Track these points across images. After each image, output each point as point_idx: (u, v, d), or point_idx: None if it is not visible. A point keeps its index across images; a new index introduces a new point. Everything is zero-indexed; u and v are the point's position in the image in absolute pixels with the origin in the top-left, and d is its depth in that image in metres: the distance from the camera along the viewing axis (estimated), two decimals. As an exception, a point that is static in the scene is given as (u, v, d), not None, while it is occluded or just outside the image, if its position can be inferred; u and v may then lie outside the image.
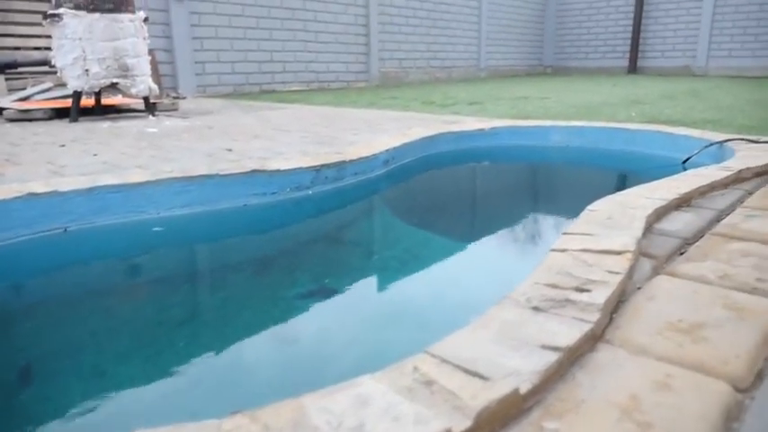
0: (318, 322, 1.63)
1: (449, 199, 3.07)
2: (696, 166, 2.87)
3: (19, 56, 6.04)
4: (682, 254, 1.40)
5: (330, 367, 1.40)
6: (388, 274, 2.02)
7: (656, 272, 1.27)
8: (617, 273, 1.11)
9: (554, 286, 1.07)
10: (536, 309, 0.98)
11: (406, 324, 1.59)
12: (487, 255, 2.21)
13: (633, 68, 13.39)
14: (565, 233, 1.39)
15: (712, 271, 1.25)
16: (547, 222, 2.70)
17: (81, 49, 4.53)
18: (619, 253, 1.21)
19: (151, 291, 1.90)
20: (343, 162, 2.69)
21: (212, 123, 4.66)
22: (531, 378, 0.77)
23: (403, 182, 3.17)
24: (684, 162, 3.02)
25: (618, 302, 1.08)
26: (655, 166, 3.28)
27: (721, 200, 1.87)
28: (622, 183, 3.38)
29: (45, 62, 5.20)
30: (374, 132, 3.88)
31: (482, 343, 0.87)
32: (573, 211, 1.69)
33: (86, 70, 4.58)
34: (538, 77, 13.31)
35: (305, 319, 1.64)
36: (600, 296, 0.99)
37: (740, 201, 1.87)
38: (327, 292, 1.81)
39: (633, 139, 3.48)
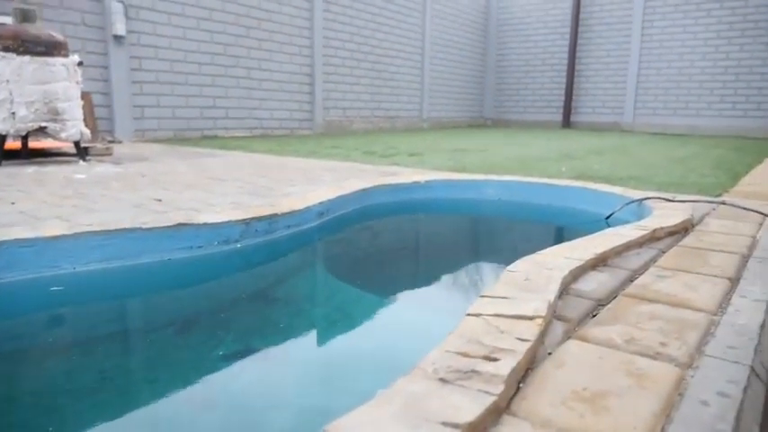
0: (233, 386, 1.57)
1: (378, 253, 3.07)
2: (618, 221, 3.02)
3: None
4: (594, 316, 1.43)
5: (241, 439, 1.33)
6: (306, 335, 1.98)
7: (567, 335, 1.29)
8: (526, 340, 1.12)
9: (464, 354, 1.07)
10: (443, 380, 0.97)
11: (318, 392, 1.55)
12: (408, 317, 2.20)
13: (567, 123, 14.11)
14: (482, 295, 1.41)
15: (620, 335, 1.28)
16: (471, 280, 2.74)
17: (8, 92, 4.36)
18: (531, 318, 1.23)
19: (61, 351, 1.78)
20: (275, 215, 2.65)
21: (146, 171, 4.53)
22: (427, 460, 0.75)
23: (336, 234, 3.16)
24: (608, 218, 3.16)
25: (527, 370, 1.09)
26: (580, 222, 3.41)
27: (636, 259, 1.95)
28: (548, 238, 3.49)
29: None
30: (311, 183, 3.87)
31: (383, 421, 0.85)
32: (497, 267, 1.72)
33: (13, 113, 4.41)
34: (478, 129, 13.81)
35: (222, 382, 1.57)
36: (506, 366, 1.00)
37: (653, 260, 1.96)
38: (236, 356, 1.75)
39: (561, 195, 3.62)
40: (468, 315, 1.28)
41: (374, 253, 3.06)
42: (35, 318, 2.00)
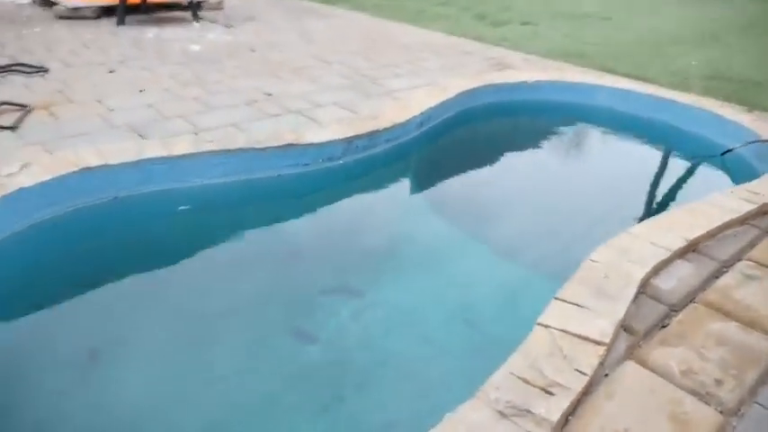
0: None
1: (470, 165, 3.10)
2: (734, 162, 2.85)
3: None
4: (663, 327, 1.52)
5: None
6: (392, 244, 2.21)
7: (629, 352, 1.41)
8: (584, 374, 1.26)
9: (525, 381, 1.24)
10: (501, 414, 1.16)
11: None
12: (498, 270, 2.34)
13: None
14: (556, 298, 1.52)
15: (680, 362, 1.38)
16: (563, 211, 2.75)
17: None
18: (596, 343, 1.35)
19: (194, 249, 2.16)
20: (376, 131, 2.75)
21: (254, 42, 4.63)
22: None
23: (434, 143, 3.20)
24: (723, 154, 2.97)
25: (580, 399, 1.25)
26: (693, 154, 3.21)
27: (731, 244, 1.92)
28: (648, 172, 3.23)
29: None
30: (414, 74, 3.83)
31: (446, 456, 1.07)
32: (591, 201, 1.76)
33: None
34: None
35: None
36: (557, 409, 1.16)
37: (750, 246, 1.92)
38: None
39: (679, 115, 3.37)
40: (539, 325, 1.42)
41: (466, 165, 3.12)
42: (171, 220, 2.36)
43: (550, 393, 1.21)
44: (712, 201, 2.15)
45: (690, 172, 3.12)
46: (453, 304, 2.22)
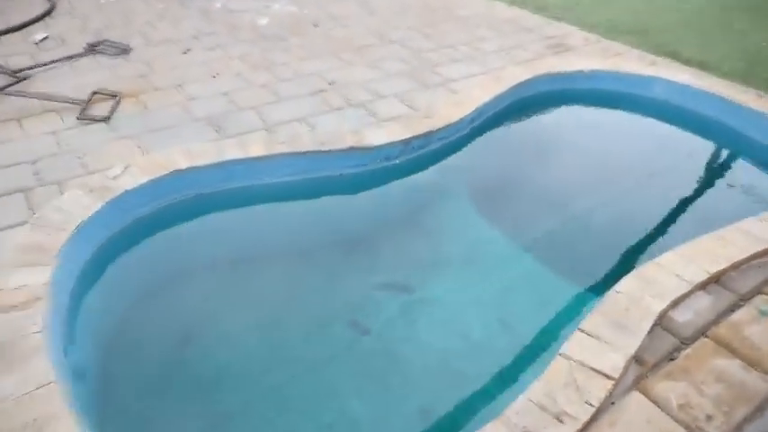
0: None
1: (520, 164, 3.27)
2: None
3: None
4: (671, 360, 1.75)
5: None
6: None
7: (636, 382, 1.66)
8: (592, 405, 1.52)
9: (542, 408, 1.52)
10: (519, 437, 1.45)
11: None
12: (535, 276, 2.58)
13: None
14: (579, 329, 1.77)
15: (679, 396, 1.62)
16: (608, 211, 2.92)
17: None
18: (606, 377, 1.61)
19: (265, 240, 2.53)
20: (431, 132, 2.95)
21: (316, 14, 4.77)
22: None
23: (486, 138, 3.35)
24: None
25: (586, 426, 1.52)
26: (743, 152, 3.26)
27: (754, 276, 2.09)
28: (699, 187, 3.25)
29: None
30: (471, 60, 3.92)
31: (471, 470, 1.38)
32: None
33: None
34: None
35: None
36: (565, 438, 1.44)
37: (769, 280, 2.08)
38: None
39: (743, 119, 3.35)
40: (560, 355, 1.68)
41: (515, 160, 3.29)
42: (246, 214, 2.69)
43: (561, 421, 1.49)
44: (744, 227, 2.29)
45: (741, 187, 3.16)
46: (491, 304, 2.49)
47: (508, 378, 2.03)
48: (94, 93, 3.17)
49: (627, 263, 2.64)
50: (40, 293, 1.80)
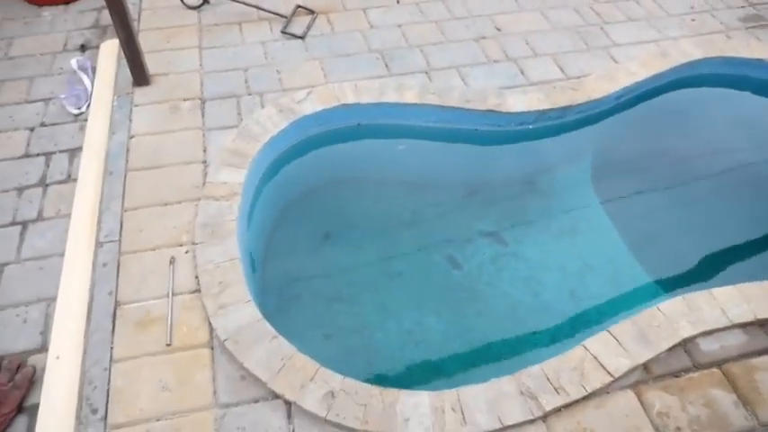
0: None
1: (646, 155, 3.39)
2: None
3: None
4: (676, 377, 2.15)
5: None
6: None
7: (635, 385, 2.11)
8: (586, 390, 2.03)
9: (547, 379, 2.06)
10: (521, 392, 2.03)
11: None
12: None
13: None
14: (607, 330, 2.21)
15: (665, 405, 2.05)
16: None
17: None
18: (609, 374, 2.08)
19: (403, 171, 3.20)
20: (570, 106, 3.21)
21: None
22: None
23: (625, 118, 3.48)
24: None
25: (577, 402, 2.04)
26: None
27: (803, 329, 2.29)
28: None
29: None
30: (647, 23, 3.81)
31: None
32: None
33: None
34: None
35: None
36: (553, 403, 1.99)
37: (820, 336, 2.27)
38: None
39: None
40: (582, 346, 2.17)
41: (652, 144, 3.42)
42: (393, 147, 3.31)
43: (557, 393, 2.03)
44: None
45: None
46: (569, 275, 2.94)
47: (544, 344, 2.56)
48: (298, 6, 3.79)
49: (707, 276, 2.87)
50: (237, 190, 2.63)
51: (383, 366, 2.56)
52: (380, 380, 2.42)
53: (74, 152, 2.97)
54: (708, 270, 2.98)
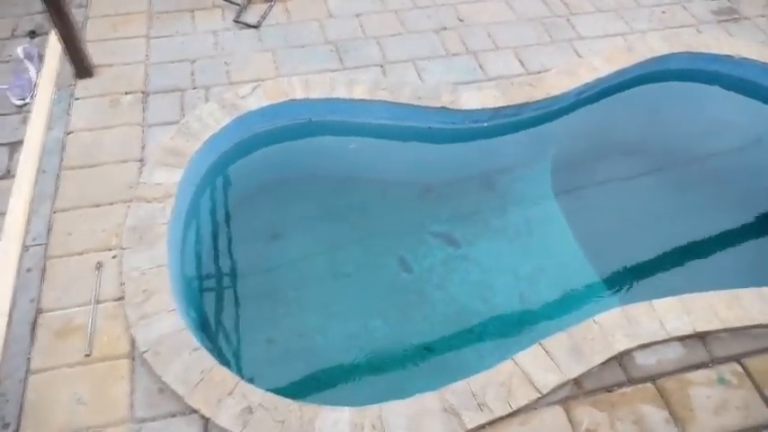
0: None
1: (605, 155, 3.29)
2: None
3: None
4: (608, 391, 2.10)
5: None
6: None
7: (565, 401, 2.06)
8: (510, 407, 1.98)
9: (473, 396, 2.01)
10: (444, 409, 1.97)
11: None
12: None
13: None
14: (539, 343, 2.15)
15: (593, 422, 2.01)
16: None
17: None
18: (536, 390, 2.02)
19: (351, 167, 3.10)
20: (526, 103, 3.11)
21: None
22: None
23: (580, 115, 3.36)
24: None
25: (502, 419, 1.99)
26: None
27: (742, 343, 2.23)
28: None
29: None
30: (616, 15, 3.69)
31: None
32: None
33: None
34: None
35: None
36: (476, 420, 1.94)
37: (760, 352, 2.22)
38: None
39: None
40: (512, 360, 2.11)
41: (606, 147, 3.33)
42: (342, 143, 3.21)
43: (481, 410, 1.98)
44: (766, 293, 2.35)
45: None
46: (520, 279, 2.88)
47: (488, 354, 2.50)
48: (257, -7, 3.66)
49: (661, 285, 2.80)
50: (172, 191, 2.54)
51: (319, 374, 2.51)
52: (312, 388, 2.37)
53: (14, 146, 2.87)
54: (669, 276, 2.91)
